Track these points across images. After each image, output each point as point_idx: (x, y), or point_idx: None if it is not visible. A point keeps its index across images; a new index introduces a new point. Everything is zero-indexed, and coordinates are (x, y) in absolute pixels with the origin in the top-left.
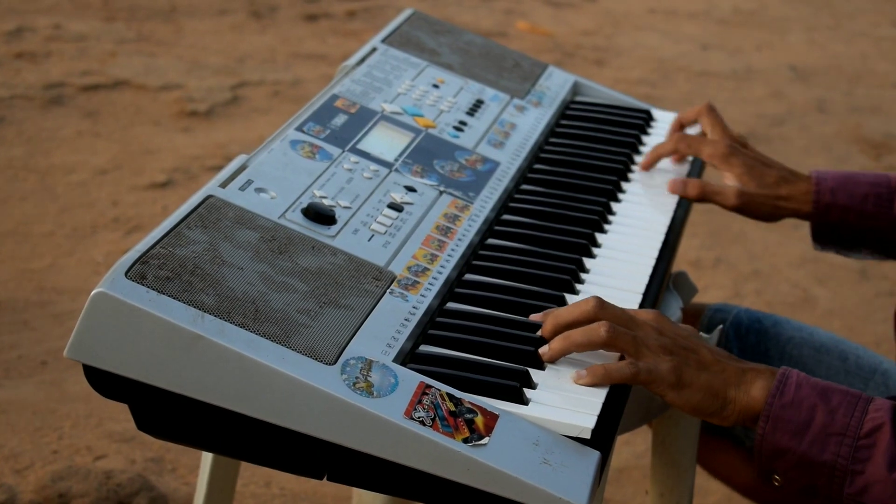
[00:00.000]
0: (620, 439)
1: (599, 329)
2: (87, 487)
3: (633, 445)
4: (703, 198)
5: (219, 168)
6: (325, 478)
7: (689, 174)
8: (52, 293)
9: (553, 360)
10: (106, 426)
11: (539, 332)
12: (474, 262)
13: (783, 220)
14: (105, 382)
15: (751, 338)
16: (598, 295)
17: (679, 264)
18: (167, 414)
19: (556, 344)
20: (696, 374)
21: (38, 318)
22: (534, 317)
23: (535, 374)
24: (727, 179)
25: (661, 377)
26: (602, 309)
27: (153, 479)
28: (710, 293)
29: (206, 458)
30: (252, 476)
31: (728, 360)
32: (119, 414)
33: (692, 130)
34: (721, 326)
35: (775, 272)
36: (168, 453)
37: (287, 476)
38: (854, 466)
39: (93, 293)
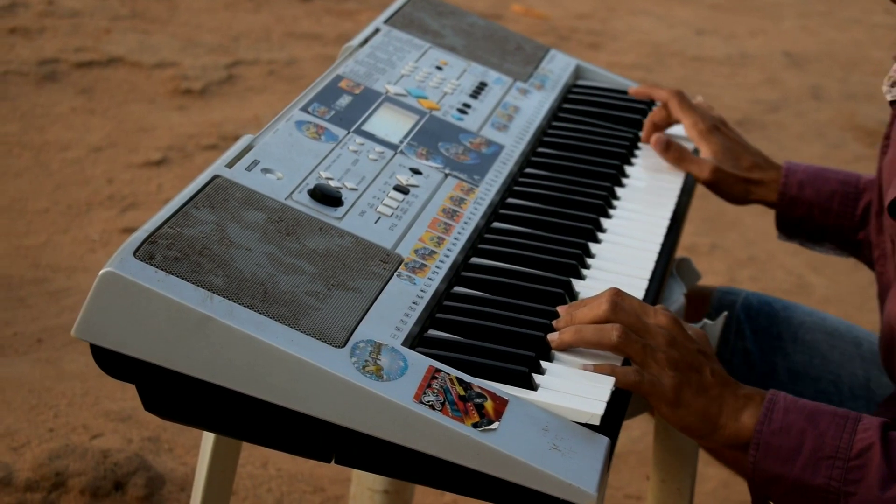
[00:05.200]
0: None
1: (612, 333)
2: (84, 466)
3: (629, 430)
4: (679, 165)
5: (214, 147)
6: (333, 461)
7: (687, 176)
8: (47, 270)
9: (560, 350)
10: (102, 405)
11: (553, 323)
12: (480, 246)
13: None
14: (112, 362)
15: (762, 321)
16: (609, 283)
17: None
18: (175, 395)
19: (567, 335)
20: (694, 396)
21: (33, 296)
22: (561, 308)
23: (543, 360)
24: (703, 155)
25: (661, 392)
26: (617, 312)
27: (150, 459)
28: (705, 279)
29: (208, 438)
30: (249, 456)
31: (726, 385)
32: (115, 393)
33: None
34: (726, 313)
35: (770, 259)
36: (165, 433)
37: (284, 457)
38: (846, 488)
39: (101, 272)
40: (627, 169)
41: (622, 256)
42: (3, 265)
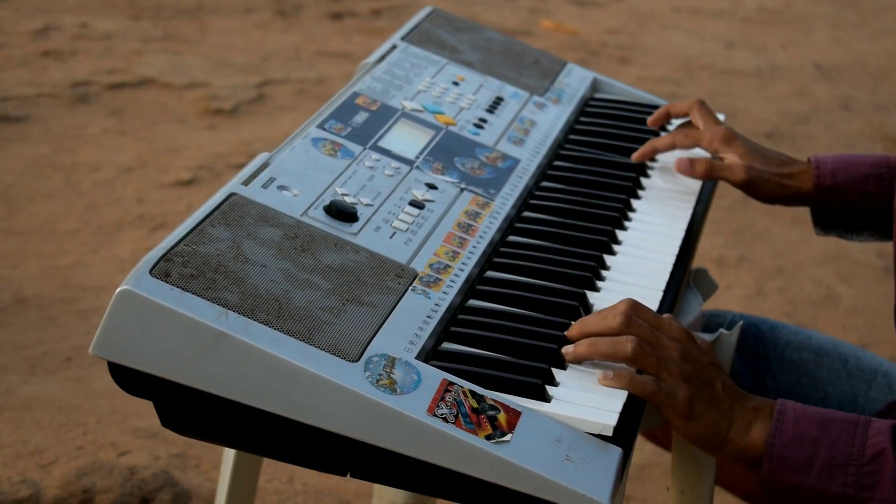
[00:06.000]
0: (642, 436)
1: (626, 345)
2: (112, 483)
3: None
4: (711, 175)
5: (243, 166)
6: (349, 474)
7: (703, 187)
8: (77, 290)
9: (574, 363)
10: (130, 422)
11: (566, 333)
12: (496, 260)
13: (806, 218)
14: (129, 379)
15: (749, 342)
16: (624, 294)
17: (702, 262)
18: (191, 411)
19: (582, 348)
20: (706, 409)
21: (63, 315)
22: (569, 332)
23: (556, 372)
24: (730, 160)
25: (675, 405)
26: (630, 325)
27: (177, 475)
28: (733, 292)
29: (229, 454)
30: (275, 472)
31: (736, 398)
32: (143, 410)
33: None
34: (741, 323)
35: (799, 270)
36: (191, 449)
37: (309, 472)
38: (862, 494)
39: (118, 290)
40: (643, 181)
41: (637, 268)
42: (34, 285)
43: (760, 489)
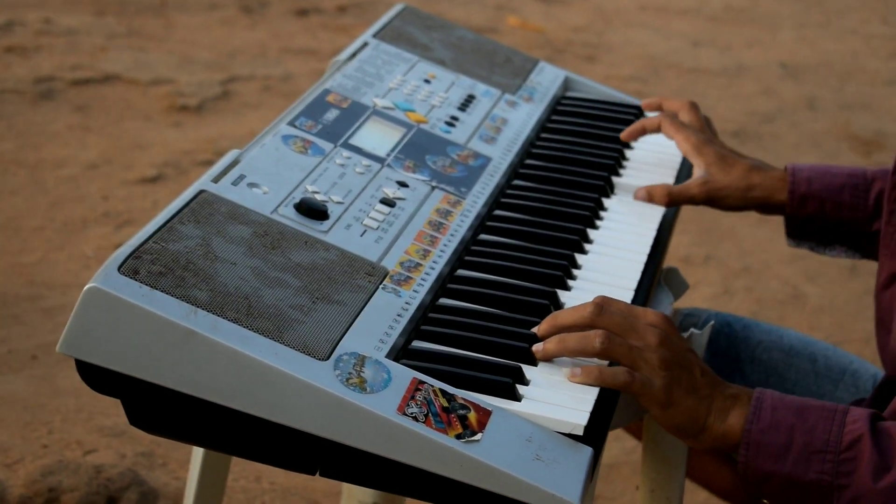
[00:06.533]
0: (611, 435)
1: (595, 339)
2: (78, 482)
3: (623, 441)
4: (672, 202)
5: (209, 163)
6: (318, 473)
7: (679, 174)
8: (42, 287)
9: (545, 360)
10: (96, 421)
11: (533, 330)
12: (467, 258)
13: (774, 218)
14: (97, 377)
15: (721, 342)
16: (596, 293)
17: (669, 261)
18: (159, 409)
19: (551, 345)
20: (684, 396)
21: (28, 313)
22: (536, 329)
23: (527, 369)
24: (696, 169)
25: (652, 393)
26: (601, 315)
27: (143, 474)
28: (699, 290)
29: (197, 452)
30: (242, 471)
31: (715, 385)
32: (109, 408)
33: None
34: (713, 322)
35: (765, 269)
36: (158, 448)
37: (277, 471)
38: (839, 481)
39: (85, 288)
40: (615, 180)
41: (609, 267)
42: None
43: (734, 486)
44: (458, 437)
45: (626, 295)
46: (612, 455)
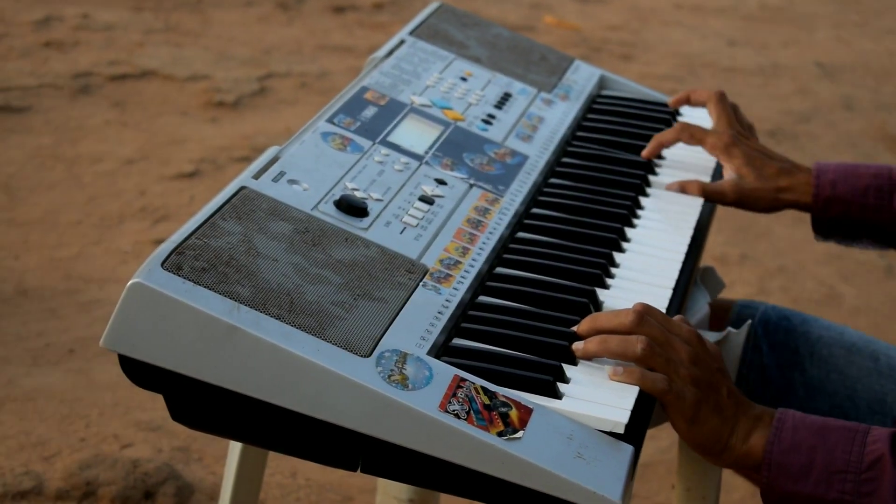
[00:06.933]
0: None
1: (637, 345)
2: (115, 476)
3: (658, 440)
4: (704, 197)
5: (246, 159)
6: (359, 469)
7: (714, 174)
8: (79, 282)
9: (585, 359)
10: (133, 415)
11: (574, 328)
12: (505, 256)
13: (808, 218)
14: (140, 373)
15: (779, 335)
16: (634, 291)
17: (705, 260)
18: (201, 405)
19: (592, 345)
20: (710, 414)
21: (65, 307)
22: (576, 328)
23: (567, 368)
24: (727, 170)
25: (682, 407)
26: (641, 324)
27: (180, 468)
28: (735, 290)
29: (234, 447)
30: (277, 466)
31: (740, 406)
32: (146, 403)
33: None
34: (750, 322)
35: (801, 269)
36: (195, 443)
37: (312, 467)
38: (860, 501)
39: (129, 283)
40: (652, 178)
41: (646, 266)
42: (35, 277)
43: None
44: (500, 434)
45: (664, 293)
46: (647, 454)
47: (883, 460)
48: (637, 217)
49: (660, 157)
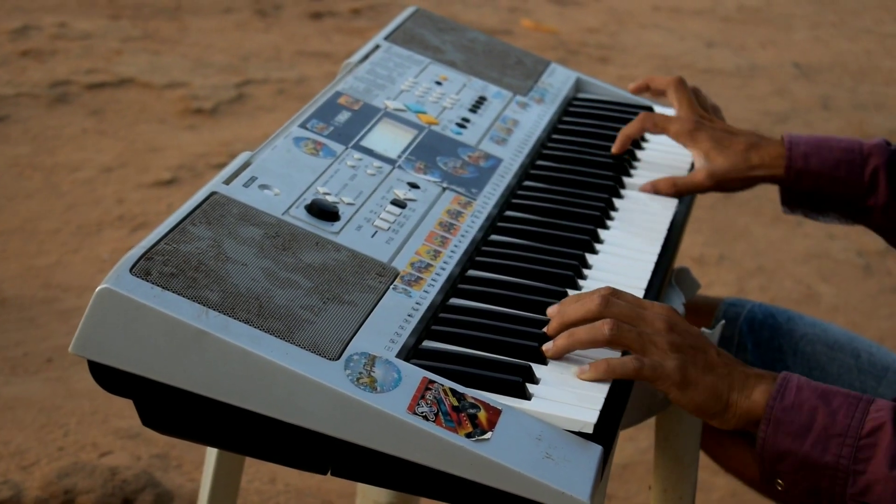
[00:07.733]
0: (624, 435)
1: (603, 327)
2: (93, 484)
3: (637, 441)
4: (679, 192)
5: (224, 166)
6: (329, 473)
7: (691, 170)
8: (57, 290)
9: (556, 358)
10: (111, 423)
11: (544, 329)
12: (477, 259)
13: (787, 218)
14: (110, 378)
15: (764, 333)
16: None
17: (683, 261)
18: (172, 410)
19: (560, 341)
20: (701, 374)
21: (43, 315)
22: (550, 310)
23: (537, 368)
24: (696, 156)
25: (666, 374)
26: (607, 306)
27: (158, 476)
28: (714, 290)
29: (211, 453)
30: (257, 472)
31: (734, 364)
32: (124, 410)
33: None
34: (723, 322)
35: (779, 268)
36: (173, 450)
37: (292, 472)
38: (856, 466)
39: (98, 289)
40: (626, 180)
41: (619, 267)
42: (14, 285)
43: (748, 467)
44: (468, 435)
45: (637, 294)
46: (626, 455)
47: (883, 428)
48: (610, 218)
49: (634, 158)
